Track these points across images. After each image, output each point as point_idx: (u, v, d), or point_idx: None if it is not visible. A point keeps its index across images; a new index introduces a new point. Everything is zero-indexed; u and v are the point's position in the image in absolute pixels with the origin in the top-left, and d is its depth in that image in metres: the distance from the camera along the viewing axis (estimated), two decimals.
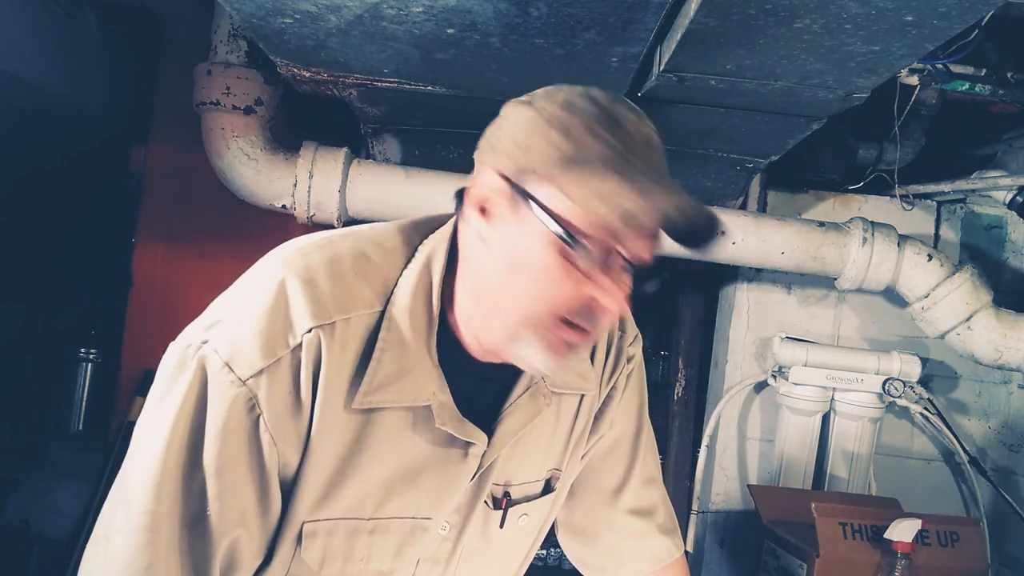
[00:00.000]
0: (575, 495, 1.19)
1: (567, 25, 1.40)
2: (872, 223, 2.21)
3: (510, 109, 0.89)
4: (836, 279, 2.26)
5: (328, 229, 1.09)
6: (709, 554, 2.53)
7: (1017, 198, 2.30)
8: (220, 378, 0.83)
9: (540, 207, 0.83)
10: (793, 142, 2.01)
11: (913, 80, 2.15)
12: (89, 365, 3.45)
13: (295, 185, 2.10)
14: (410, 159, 2.25)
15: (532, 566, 1.19)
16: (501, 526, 1.05)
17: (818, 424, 2.41)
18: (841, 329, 2.52)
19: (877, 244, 2.18)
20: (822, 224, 2.24)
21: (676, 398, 2.75)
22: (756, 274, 2.50)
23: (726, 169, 2.24)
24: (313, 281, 0.88)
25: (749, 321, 2.51)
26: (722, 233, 0.91)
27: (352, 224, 1.06)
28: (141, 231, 2.65)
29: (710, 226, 0.83)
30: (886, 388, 2.35)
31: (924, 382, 2.45)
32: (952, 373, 2.53)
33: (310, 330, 0.86)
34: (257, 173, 2.10)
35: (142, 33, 2.70)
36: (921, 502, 2.40)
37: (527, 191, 0.84)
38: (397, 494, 0.94)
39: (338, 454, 0.90)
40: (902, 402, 2.40)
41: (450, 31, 1.47)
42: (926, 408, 2.43)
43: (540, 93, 0.89)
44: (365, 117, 2.11)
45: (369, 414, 0.90)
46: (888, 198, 2.49)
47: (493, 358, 0.95)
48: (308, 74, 1.81)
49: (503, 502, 1.04)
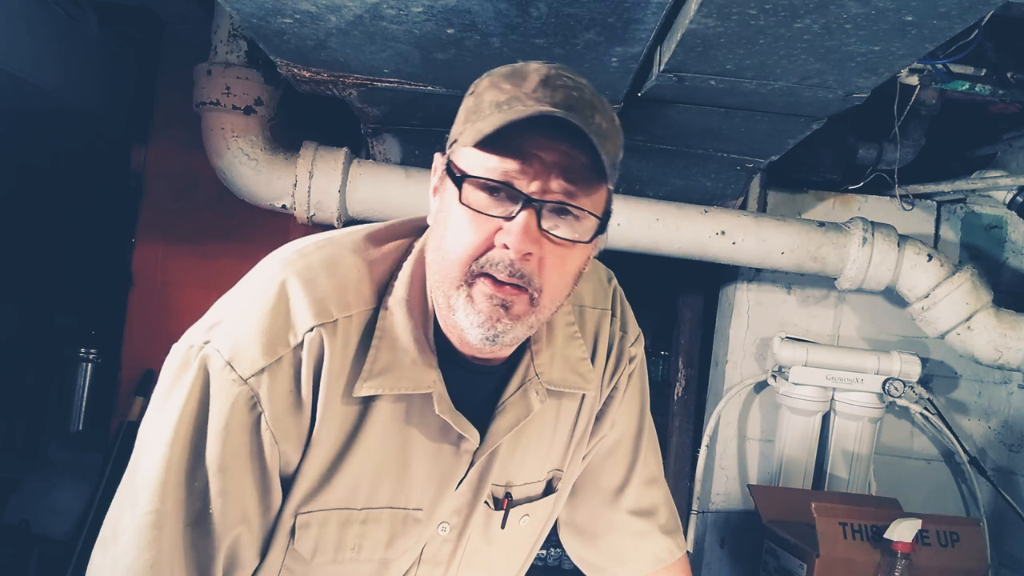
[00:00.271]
0: (577, 495, 1.19)
1: (567, 25, 1.40)
2: (872, 223, 2.21)
3: None
4: (836, 279, 2.26)
5: (328, 229, 1.09)
6: (709, 554, 2.53)
7: (1017, 198, 2.30)
8: (222, 377, 0.84)
9: (447, 165, 0.87)
10: (793, 142, 2.01)
11: (913, 80, 2.15)
12: (89, 365, 3.45)
13: (295, 185, 2.10)
14: (410, 159, 2.25)
15: (532, 566, 1.19)
16: (502, 527, 1.05)
17: (818, 424, 2.41)
18: (841, 329, 2.52)
19: (877, 244, 2.18)
20: (822, 224, 2.24)
21: (676, 398, 2.75)
22: (756, 274, 2.50)
23: (726, 169, 2.24)
24: (314, 280, 0.89)
25: (749, 321, 2.51)
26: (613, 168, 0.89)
27: (352, 224, 1.06)
28: (141, 231, 2.65)
29: (590, 144, 0.80)
30: (886, 388, 2.35)
31: (924, 382, 2.45)
32: (952, 373, 2.53)
33: (311, 329, 0.87)
34: (257, 173, 2.10)
35: (142, 33, 2.70)
36: (921, 502, 2.41)
37: (449, 158, 0.88)
38: (388, 484, 0.95)
39: (334, 445, 0.91)
40: (902, 402, 2.40)
41: (450, 31, 1.47)
42: (926, 408, 2.43)
43: None
44: (365, 117, 2.11)
45: (366, 405, 0.91)
46: (888, 198, 2.49)
47: (481, 355, 0.94)
48: (308, 74, 1.81)
49: (504, 503, 1.04)
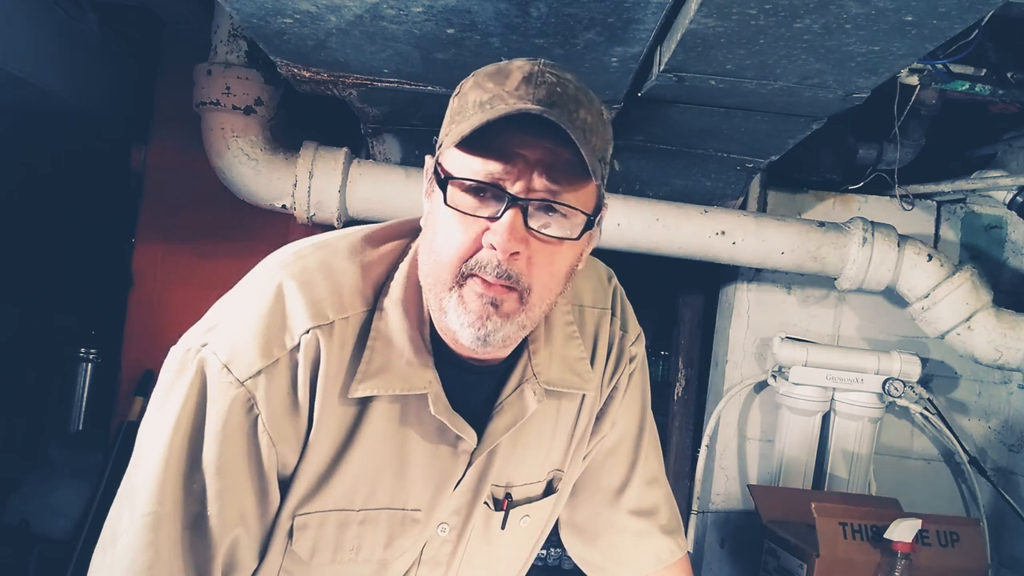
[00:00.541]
0: (577, 495, 1.19)
1: (567, 25, 1.40)
2: (872, 223, 2.21)
3: None
4: (836, 279, 2.26)
5: (328, 229, 1.09)
6: (709, 554, 2.53)
7: (1017, 198, 2.30)
8: (219, 379, 0.84)
9: (435, 167, 0.87)
10: (793, 142, 2.01)
11: (913, 80, 2.15)
12: (89, 365, 3.46)
13: (295, 185, 2.10)
14: (410, 159, 2.25)
15: (532, 566, 1.19)
16: (503, 527, 1.05)
17: (818, 424, 2.41)
18: (841, 329, 2.52)
19: (877, 244, 2.18)
20: (822, 224, 2.24)
21: (676, 398, 2.75)
22: (756, 274, 2.50)
23: (726, 169, 2.24)
24: (310, 283, 0.89)
25: (749, 321, 2.51)
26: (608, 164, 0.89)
27: (352, 224, 1.06)
28: (141, 231, 2.65)
29: (572, 141, 0.79)
30: (886, 388, 2.35)
31: (924, 382, 2.45)
32: (952, 373, 2.53)
33: (308, 331, 0.87)
34: (257, 173, 2.10)
35: (142, 33, 2.70)
36: (921, 502, 2.40)
37: (437, 160, 0.88)
38: (386, 485, 0.94)
39: (332, 447, 0.91)
40: (902, 402, 2.40)
41: (450, 31, 1.47)
42: (926, 408, 2.43)
43: None
44: (365, 117, 2.11)
45: (363, 406, 0.91)
46: (888, 198, 2.49)
47: (476, 355, 0.93)
48: (308, 74, 1.81)
49: (504, 504, 1.04)
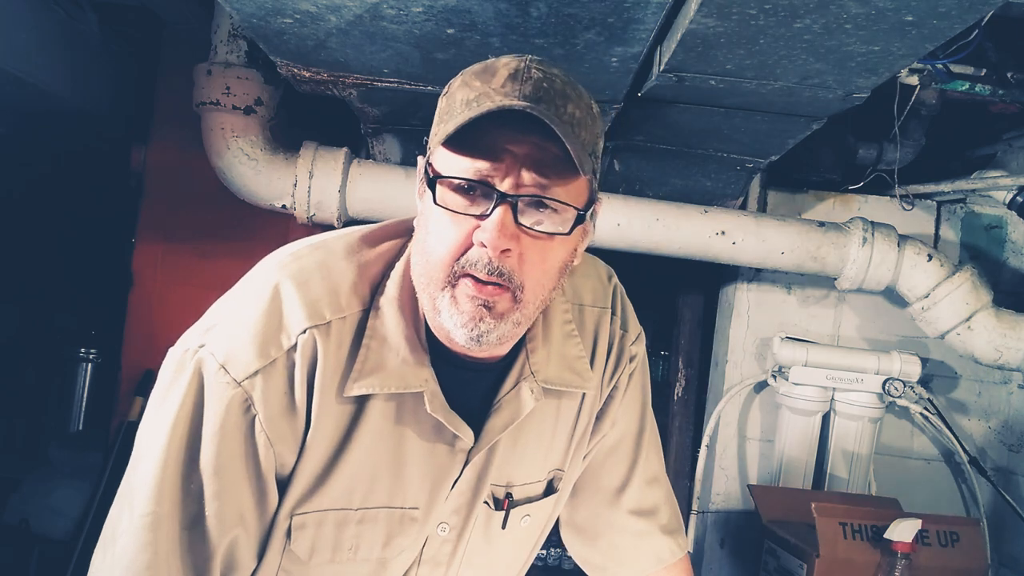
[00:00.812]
0: (577, 494, 1.19)
1: (567, 25, 1.40)
2: (872, 223, 2.21)
3: None
4: (836, 279, 2.26)
5: (328, 229, 1.09)
6: (709, 554, 2.53)
7: (1017, 198, 2.30)
8: (216, 380, 0.84)
9: (425, 167, 0.87)
10: (793, 142, 2.01)
11: (913, 80, 2.15)
12: (89, 365, 3.46)
13: (295, 185, 2.10)
14: (410, 159, 2.25)
15: (532, 566, 1.19)
16: (503, 527, 1.05)
17: (818, 424, 2.41)
18: (841, 329, 2.52)
19: (877, 244, 2.18)
20: (822, 224, 2.24)
21: (676, 398, 2.75)
22: (756, 274, 2.50)
23: (726, 169, 2.24)
24: (307, 283, 0.89)
25: (749, 321, 2.51)
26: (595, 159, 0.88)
27: (352, 224, 1.06)
28: (141, 231, 2.65)
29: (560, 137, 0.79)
30: (886, 388, 2.35)
31: (924, 382, 2.45)
32: (952, 373, 2.53)
33: (304, 331, 0.87)
34: (257, 173, 2.10)
35: (142, 33, 2.70)
36: (921, 502, 2.40)
37: (428, 160, 0.87)
38: (384, 484, 0.95)
39: (329, 446, 0.91)
40: (902, 402, 2.40)
41: (450, 31, 1.47)
42: (926, 408, 2.43)
43: None
44: (365, 117, 2.11)
45: (360, 405, 0.91)
46: (888, 198, 2.49)
47: (472, 354, 0.93)
48: (308, 74, 1.81)
49: (505, 503, 1.04)
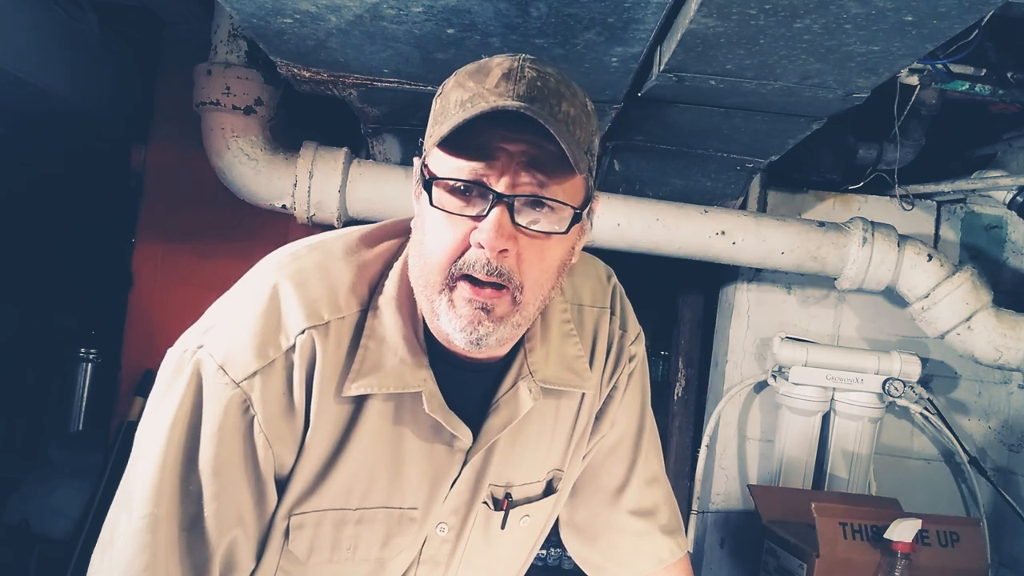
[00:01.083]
0: (577, 495, 1.19)
1: (567, 25, 1.40)
2: (872, 223, 2.21)
3: None
4: (836, 279, 2.26)
5: (328, 229, 1.09)
6: (709, 554, 2.52)
7: (1017, 198, 2.30)
8: (215, 381, 0.84)
9: (420, 169, 0.87)
10: (793, 142, 2.01)
11: (913, 80, 2.15)
12: (89, 365, 3.46)
13: (295, 185, 2.10)
14: (410, 159, 2.25)
15: (532, 566, 1.19)
16: (502, 527, 1.05)
17: (818, 424, 2.41)
18: (841, 329, 2.52)
19: (877, 244, 2.18)
20: (822, 224, 2.24)
21: (676, 398, 2.75)
22: (756, 274, 2.49)
23: (726, 169, 2.24)
24: (305, 283, 0.89)
25: (749, 321, 2.51)
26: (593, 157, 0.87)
27: (352, 224, 1.06)
28: (141, 231, 2.65)
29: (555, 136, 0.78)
30: (886, 388, 2.35)
31: (924, 382, 2.45)
32: (952, 373, 2.53)
33: (303, 331, 0.87)
34: (257, 173, 2.10)
35: (142, 33, 2.70)
36: (921, 502, 2.40)
37: (424, 162, 0.87)
38: (382, 484, 0.95)
39: (328, 446, 0.91)
40: (902, 402, 2.40)
41: (450, 31, 1.46)
42: (926, 408, 2.43)
43: None
44: (365, 117, 2.11)
45: (358, 405, 0.91)
46: (888, 198, 2.49)
47: (471, 355, 0.92)
48: (308, 74, 1.81)
49: (504, 504, 1.04)
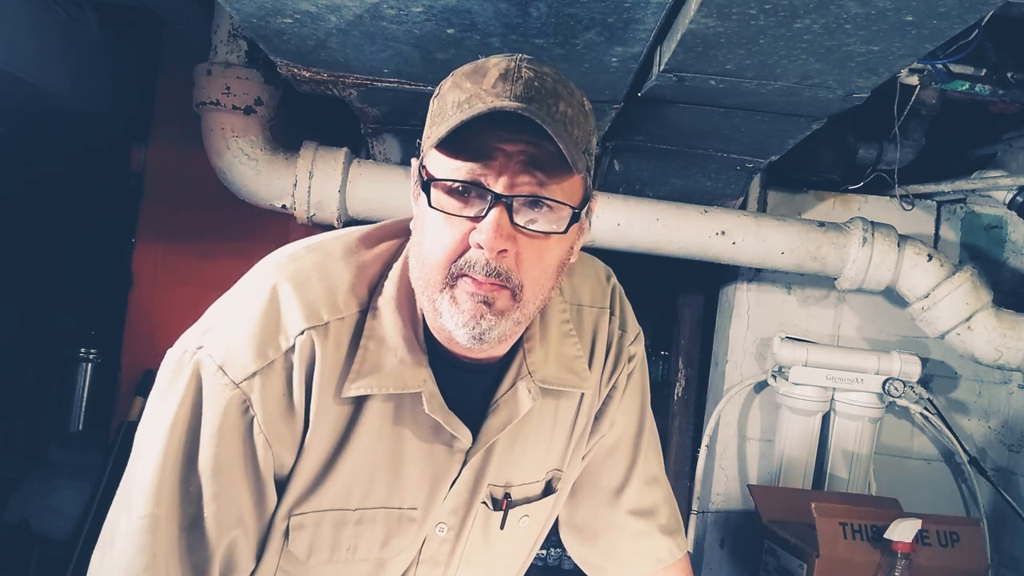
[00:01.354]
0: (576, 495, 1.19)
1: (567, 25, 1.40)
2: (872, 223, 2.21)
3: None
4: (836, 279, 2.26)
5: (328, 229, 1.09)
6: (709, 554, 2.53)
7: (1017, 198, 2.30)
8: (214, 381, 0.84)
9: (418, 170, 0.87)
10: (793, 142, 2.01)
11: (913, 80, 2.15)
12: (89, 365, 3.46)
13: (295, 185, 2.10)
14: (410, 159, 2.23)
15: (532, 566, 1.19)
16: (502, 527, 1.05)
17: (818, 424, 2.41)
18: (841, 329, 2.52)
19: (877, 244, 2.18)
20: (822, 224, 2.24)
21: (676, 398, 2.75)
22: (756, 274, 2.49)
23: (726, 169, 2.24)
24: (305, 284, 0.89)
25: (749, 321, 2.51)
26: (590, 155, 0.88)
27: (352, 224, 1.06)
28: (141, 231, 2.65)
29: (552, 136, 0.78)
30: (886, 388, 2.35)
31: (924, 382, 2.45)
32: (952, 373, 2.53)
33: (302, 332, 0.87)
34: (257, 173, 2.10)
35: (142, 33, 2.70)
36: (921, 502, 2.40)
37: (422, 163, 0.87)
38: (382, 484, 0.95)
39: (327, 446, 0.91)
40: (902, 402, 2.40)
41: (450, 31, 1.47)
42: (926, 408, 2.43)
43: None
44: (365, 117, 2.11)
45: (357, 405, 0.91)
46: (888, 198, 2.49)
47: (472, 354, 0.93)
48: (308, 74, 1.81)
49: (503, 504, 1.04)
